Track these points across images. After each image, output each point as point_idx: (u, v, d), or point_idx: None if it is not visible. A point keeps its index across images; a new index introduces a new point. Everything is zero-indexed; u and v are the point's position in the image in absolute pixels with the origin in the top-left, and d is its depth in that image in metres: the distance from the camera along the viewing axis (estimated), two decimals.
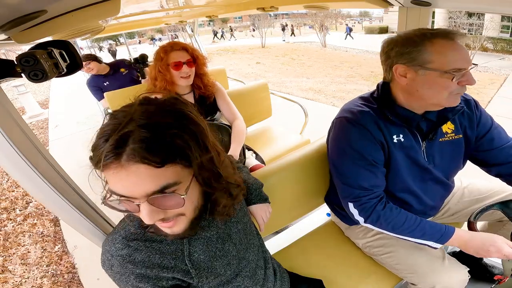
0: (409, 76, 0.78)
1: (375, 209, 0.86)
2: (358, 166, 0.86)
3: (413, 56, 0.75)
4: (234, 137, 1.44)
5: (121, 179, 0.43)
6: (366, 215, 0.88)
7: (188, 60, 1.34)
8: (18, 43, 0.71)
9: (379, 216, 0.86)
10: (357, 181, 0.87)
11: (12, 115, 0.70)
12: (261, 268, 0.74)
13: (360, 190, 0.87)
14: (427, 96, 0.78)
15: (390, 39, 0.82)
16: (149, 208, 0.45)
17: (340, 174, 0.91)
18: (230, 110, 1.53)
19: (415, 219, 0.86)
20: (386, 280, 1.03)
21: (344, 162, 0.89)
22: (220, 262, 0.61)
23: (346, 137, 0.87)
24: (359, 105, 0.89)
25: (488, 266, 1.28)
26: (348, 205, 0.91)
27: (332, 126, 0.95)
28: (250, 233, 0.73)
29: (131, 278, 0.53)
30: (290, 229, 1.49)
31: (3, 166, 0.69)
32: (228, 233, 0.65)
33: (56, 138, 4.21)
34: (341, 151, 0.89)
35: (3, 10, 0.49)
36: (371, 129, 0.84)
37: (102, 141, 0.43)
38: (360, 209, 0.88)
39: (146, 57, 2.68)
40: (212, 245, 0.61)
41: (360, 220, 0.91)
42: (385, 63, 0.85)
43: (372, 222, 0.88)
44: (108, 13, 0.77)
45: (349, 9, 28.27)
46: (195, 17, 2.81)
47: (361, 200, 0.88)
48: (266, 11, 1.54)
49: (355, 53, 13.30)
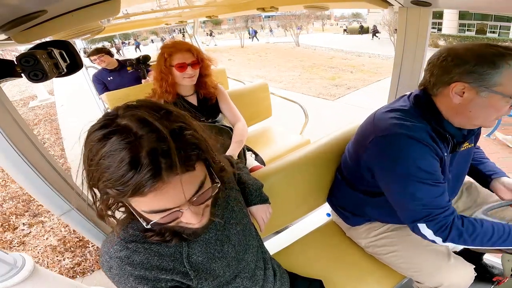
0: (466, 96, 0.72)
1: (454, 225, 0.78)
2: (430, 185, 0.77)
3: (485, 77, 0.68)
4: (234, 137, 1.44)
5: (165, 194, 0.42)
6: (445, 234, 0.79)
7: (193, 61, 1.32)
8: (18, 43, 0.71)
9: (461, 233, 0.78)
10: (432, 201, 0.78)
11: (12, 115, 0.71)
12: (261, 268, 0.74)
13: (436, 209, 0.79)
14: (477, 117, 0.75)
15: (454, 54, 0.73)
16: (192, 209, 0.47)
17: (410, 197, 0.80)
18: (232, 112, 1.53)
19: (503, 227, 0.79)
20: (386, 280, 1.03)
21: (411, 183, 0.78)
22: (219, 264, 0.61)
23: (409, 155, 0.77)
24: (408, 120, 0.79)
25: (488, 266, 1.28)
26: (419, 227, 0.81)
27: (380, 144, 0.83)
28: (249, 235, 0.72)
29: (130, 280, 0.53)
30: (290, 229, 1.49)
31: (3, 165, 0.69)
32: (227, 235, 0.65)
33: (62, 111, 6.14)
34: (404, 170, 0.78)
35: (3, 10, 0.49)
36: (431, 145, 0.77)
37: (125, 171, 0.39)
38: (437, 228, 0.79)
39: (148, 58, 2.71)
40: (211, 247, 0.61)
41: (437, 240, 0.81)
42: (439, 77, 0.76)
43: (454, 240, 0.79)
44: (108, 13, 0.77)
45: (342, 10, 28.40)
46: (195, 17, 2.80)
47: (437, 219, 0.78)
48: (266, 11, 1.54)
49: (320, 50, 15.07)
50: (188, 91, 1.42)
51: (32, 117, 5.99)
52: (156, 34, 28.04)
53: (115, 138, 0.40)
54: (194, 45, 1.37)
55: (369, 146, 0.86)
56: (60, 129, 4.93)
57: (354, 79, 7.61)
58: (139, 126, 0.41)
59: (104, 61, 2.65)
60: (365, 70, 8.83)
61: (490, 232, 0.78)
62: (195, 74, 1.35)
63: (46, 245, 2.16)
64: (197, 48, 1.36)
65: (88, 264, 1.92)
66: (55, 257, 2.03)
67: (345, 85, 6.94)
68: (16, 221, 2.49)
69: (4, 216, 2.59)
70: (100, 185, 0.42)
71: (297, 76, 8.54)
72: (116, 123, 0.42)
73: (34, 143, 0.75)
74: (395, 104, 0.89)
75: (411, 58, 1.19)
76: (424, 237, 0.82)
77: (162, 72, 1.32)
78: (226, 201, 0.70)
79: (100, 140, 0.41)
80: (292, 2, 1.41)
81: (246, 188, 0.85)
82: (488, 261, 1.32)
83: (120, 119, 0.42)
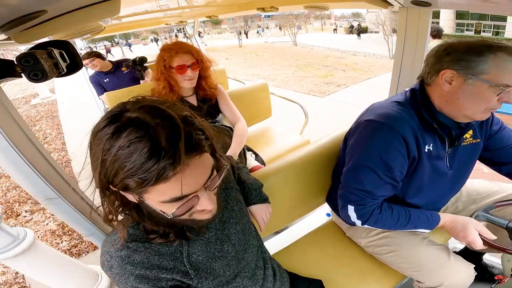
0: (454, 83, 0.76)
1: (373, 213, 0.88)
2: (380, 177, 0.83)
3: (471, 64, 0.72)
4: (235, 138, 1.43)
5: (186, 178, 0.43)
6: (364, 219, 0.89)
7: (193, 63, 1.30)
8: (18, 43, 0.71)
9: (377, 220, 0.88)
10: (372, 190, 0.85)
11: (12, 115, 0.71)
12: (261, 268, 0.74)
13: (369, 197, 0.86)
14: (465, 106, 0.77)
15: (448, 45, 0.78)
16: (208, 194, 0.49)
17: (355, 178, 0.87)
18: (232, 112, 1.52)
19: (405, 215, 0.89)
20: (386, 280, 1.03)
21: (366, 169, 0.84)
22: (219, 263, 0.61)
23: (378, 144, 0.82)
24: (397, 111, 0.83)
25: (488, 266, 1.28)
26: (348, 207, 0.90)
27: (361, 126, 0.89)
28: (249, 234, 0.73)
29: (130, 279, 0.53)
30: (290, 229, 1.49)
31: (3, 165, 0.69)
32: (227, 234, 0.65)
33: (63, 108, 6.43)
34: (367, 156, 0.84)
35: (3, 10, 0.49)
36: (408, 141, 0.80)
37: (147, 158, 0.39)
38: (360, 213, 0.88)
39: (145, 59, 2.71)
40: (211, 246, 0.61)
41: (357, 223, 0.91)
42: (432, 66, 0.80)
43: (370, 224, 0.90)
44: (108, 13, 0.77)
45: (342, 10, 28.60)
46: (195, 17, 2.80)
47: (364, 206, 0.87)
48: (267, 11, 1.54)
49: (317, 50, 15.55)
50: (187, 92, 1.42)
51: (34, 114, 6.21)
52: (156, 34, 28.07)
53: (130, 130, 0.40)
54: (194, 46, 1.36)
55: (352, 129, 0.94)
56: (61, 125, 5.17)
57: (346, 77, 7.87)
58: (151, 116, 0.42)
59: (96, 65, 2.64)
60: (357, 69, 9.19)
61: (395, 221, 0.89)
62: (195, 76, 1.35)
63: (46, 230, 2.32)
64: (197, 49, 1.35)
65: (83, 246, 2.11)
66: (53, 240, 2.21)
67: (336, 83, 7.23)
68: (19, 209, 2.67)
69: (8, 204, 2.77)
70: (117, 180, 0.42)
71: (291, 74, 8.86)
72: (125, 117, 0.42)
73: (34, 143, 0.75)
74: (393, 97, 0.92)
75: (411, 58, 1.19)
76: (347, 217, 0.92)
77: (162, 73, 1.31)
78: (225, 201, 0.70)
79: (112, 134, 0.41)
80: (292, 2, 1.41)
81: (246, 188, 0.86)
82: (488, 261, 1.32)
83: (129, 113, 0.43)
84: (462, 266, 0.91)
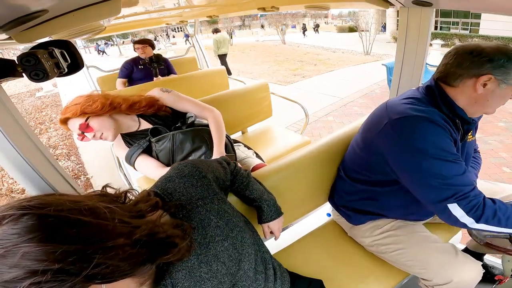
0: (488, 87, 0.79)
1: (487, 204, 0.75)
2: (452, 162, 0.77)
3: (510, 71, 0.76)
4: (213, 133, 1.26)
5: None
6: (478, 214, 0.75)
7: (82, 125, 1.06)
8: (19, 43, 0.71)
9: (495, 211, 0.75)
10: (459, 178, 0.76)
11: (13, 115, 0.71)
12: (261, 272, 0.72)
13: (465, 186, 0.76)
14: (491, 106, 0.82)
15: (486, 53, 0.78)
16: None
17: (431, 175, 0.78)
18: (194, 107, 1.30)
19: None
20: (387, 279, 1.03)
21: (433, 161, 0.77)
22: (209, 284, 0.59)
23: (426, 135, 0.78)
24: (420, 105, 0.83)
25: (488, 266, 1.28)
26: (449, 208, 0.77)
27: (392, 127, 0.84)
28: (242, 245, 0.67)
29: None
30: (290, 229, 1.49)
31: (3, 165, 0.69)
32: (214, 254, 0.61)
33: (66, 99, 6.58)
34: (423, 150, 0.78)
35: (4, 10, 0.49)
36: (446, 126, 0.80)
37: None
38: (469, 207, 0.75)
39: (161, 57, 2.80)
40: (195, 271, 0.58)
41: (468, 222, 0.77)
42: (469, 69, 0.79)
43: (488, 220, 0.76)
44: (109, 13, 0.77)
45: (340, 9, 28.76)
46: (195, 17, 2.81)
47: (469, 197, 0.75)
48: (267, 11, 1.54)
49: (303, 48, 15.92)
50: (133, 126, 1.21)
51: (40, 104, 7.12)
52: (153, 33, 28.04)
53: None
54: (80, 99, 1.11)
55: (383, 130, 0.86)
56: None
57: (313, 70, 8.88)
58: None
59: (145, 52, 2.78)
60: (327, 63, 10.04)
61: None
62: (104, 129, 1.09)
63: None
64: (83, 100, 1.09)
65: None
66: None
67: (302, 74, 8.26)
68: None
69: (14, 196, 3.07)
70: None
71: (267, 68, 9.78)
72: None
73: (35, 143, 0.75)
74: (405, 94, 0.92)
75: (412, 58, 1.19)
76: (453, 221, 0.78)
77: None
78: (208, 218, 0.64)
79: None
80: (292, 2, 1.41)
81: (263, 206, 0.88)
82: (489, 261, 1.32)
83: None
84: (470, 263, 0.92)
